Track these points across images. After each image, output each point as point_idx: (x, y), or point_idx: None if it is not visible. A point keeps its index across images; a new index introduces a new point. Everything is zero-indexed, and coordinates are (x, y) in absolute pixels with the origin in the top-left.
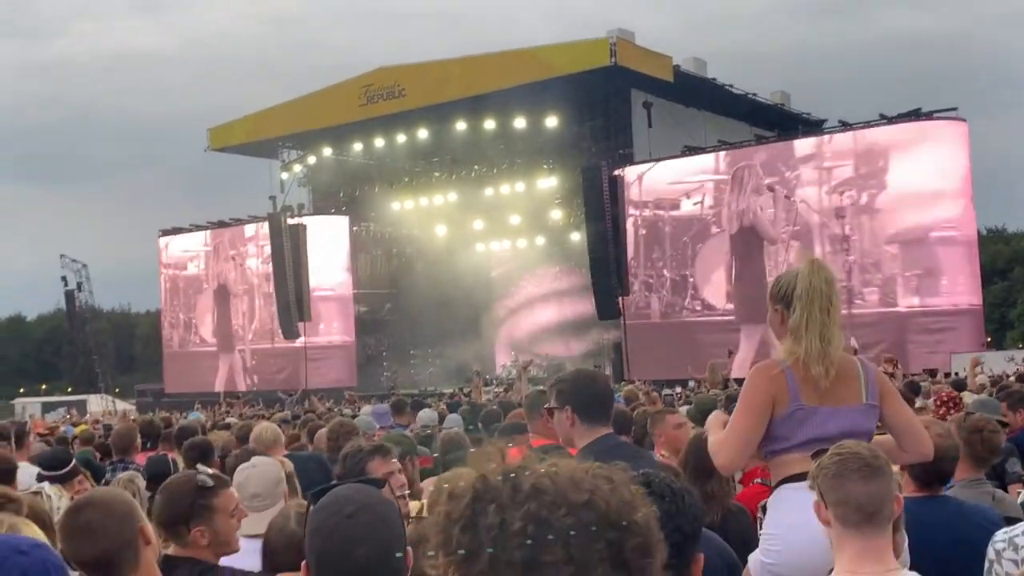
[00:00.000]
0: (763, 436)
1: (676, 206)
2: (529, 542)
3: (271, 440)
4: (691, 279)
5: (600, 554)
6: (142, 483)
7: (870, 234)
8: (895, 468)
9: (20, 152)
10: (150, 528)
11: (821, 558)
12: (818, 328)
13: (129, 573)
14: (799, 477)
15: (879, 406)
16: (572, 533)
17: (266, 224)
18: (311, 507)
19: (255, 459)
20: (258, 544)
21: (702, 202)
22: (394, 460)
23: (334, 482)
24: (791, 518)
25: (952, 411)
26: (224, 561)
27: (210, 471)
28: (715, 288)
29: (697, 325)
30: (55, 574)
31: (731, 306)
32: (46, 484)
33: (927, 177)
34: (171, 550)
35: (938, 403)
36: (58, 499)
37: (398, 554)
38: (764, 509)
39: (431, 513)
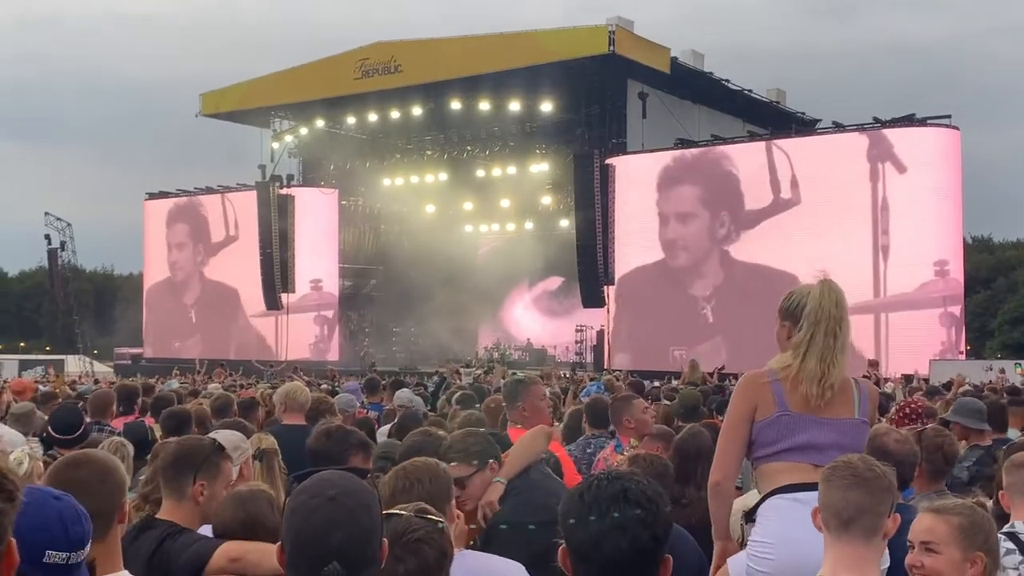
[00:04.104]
0: (751, 443)
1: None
2: None
3: (300, 403)
4: (678, 272)
5: None
6: (131, 450)
7: (855, 235)
8: None
9: (8, 107)
10: (128, 507)
11: (815, 570)
12: (819, 350)
13: (98, 543)
14: (790, 488)
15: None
16: None
17: (254, 193)
18: (293, 488)
19: (220, 431)
20: None
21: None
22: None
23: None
24: (785, 529)
25: (912, 424)
26: None
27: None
28: (703, 282)
29: (682, 318)
30: (82, 519)
31: (715, 301)
32: (26, 449)
33: (918, 183)
34: (161, 511)
35: (900, 414)
36: (30, 463)
37: (375, 537)
38: (747, 517)
39: None
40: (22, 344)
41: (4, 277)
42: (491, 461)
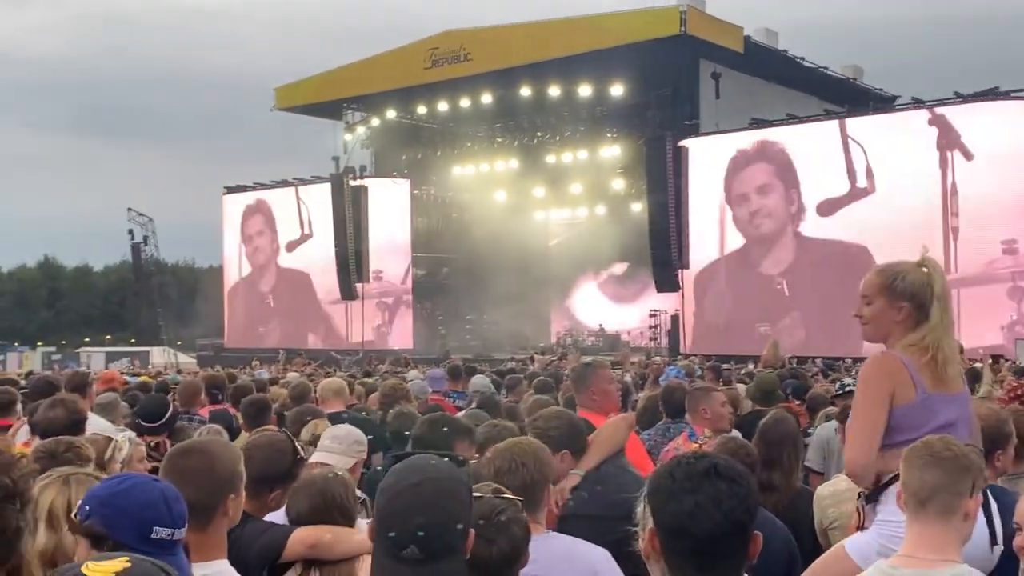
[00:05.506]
0: (889, 428)
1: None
2: None
3: (334, 391)
4: (760, 244)
5: None
6: (226, 437)
7: (927, 213)
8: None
9: (89, 104)
10: (237, 503)
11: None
12: (951, 330)
13: (197, 531)
14: None
15: None
16: None
17: (328, 185)
18: (391, 468)
19: (342, 425)
20: None
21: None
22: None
23: (415, 451)
24: None
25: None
26: None
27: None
28: (778, 257)
29: (760, 296)
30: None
31: (789, 277)
32: (127, 433)
33: (996, 158)
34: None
35: (1012, 395)
36: (131, 447)
37: (459, 526)
38: (868, 499)
39: None
40: (108, 337)
41: (90, 272)
42: (563, 451)
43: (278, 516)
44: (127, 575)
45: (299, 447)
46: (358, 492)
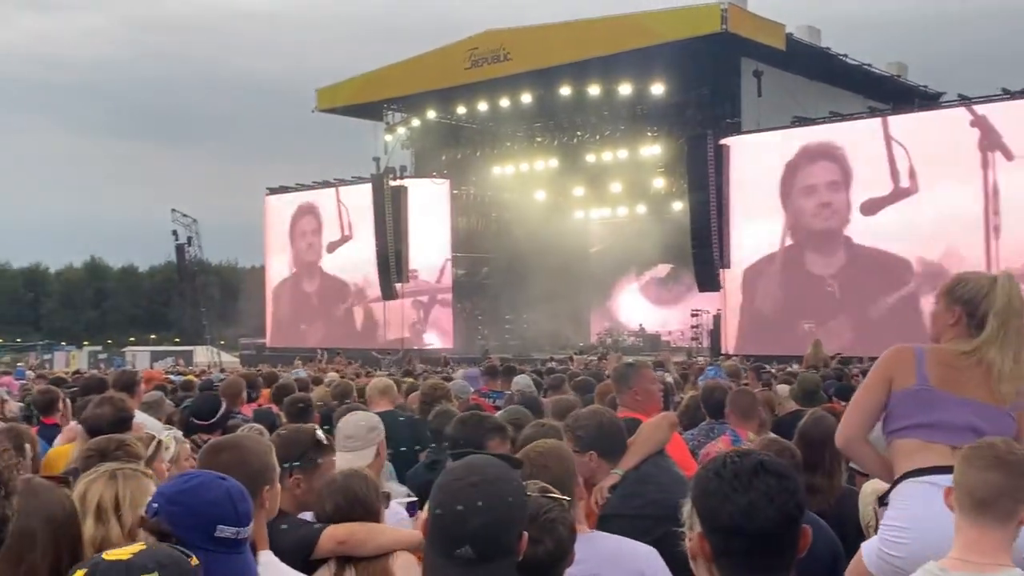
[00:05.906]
0: (885, 415)
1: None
2: None
3: (380, 390)
4: (797, 252)
5: None
6: (267, 436)
7: (969, 213)
8: None
9: (132, 106)
10: (274, 494)
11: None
12: (1013, 348)
13: None
14: (925, 471)
15: (1016, 418)
16: None
17: (368, 185)
18: (448, 466)
19: (349, 419)
20: None
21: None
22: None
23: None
24: (920, 512)
25: None
26: None
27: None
28: (831, 258)
29: (799, 301)
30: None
31: (840, 280)
32: (173, 432)
33: None
34: None
35: None
36: (178, 445)
37: (515, 528)
38: (881, 501)
39: None
40: (152, 336)
41: (135, 272)
42: (591, 452)
43: (308, 519)
44: (142, 556)
45: (321, 434)
46: (401, 485)
